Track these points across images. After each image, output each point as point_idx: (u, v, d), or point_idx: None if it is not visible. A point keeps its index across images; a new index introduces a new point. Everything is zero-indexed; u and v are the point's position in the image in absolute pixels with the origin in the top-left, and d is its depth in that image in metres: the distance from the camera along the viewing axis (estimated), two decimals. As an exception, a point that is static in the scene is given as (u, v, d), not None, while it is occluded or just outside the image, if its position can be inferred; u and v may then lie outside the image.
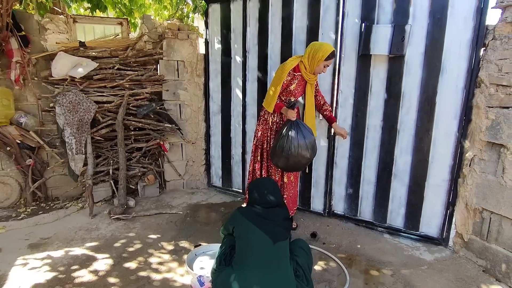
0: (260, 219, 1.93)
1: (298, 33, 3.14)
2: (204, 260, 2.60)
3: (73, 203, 3.64)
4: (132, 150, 3.80)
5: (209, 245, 2.75)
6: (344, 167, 3.18)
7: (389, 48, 2.66)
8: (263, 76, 3.45)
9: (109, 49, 3.67)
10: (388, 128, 2.88)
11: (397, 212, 2.97)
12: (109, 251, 2.74)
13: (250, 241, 1.88)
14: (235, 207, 3.63)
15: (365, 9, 2.80)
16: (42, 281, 2.33)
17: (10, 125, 3.48)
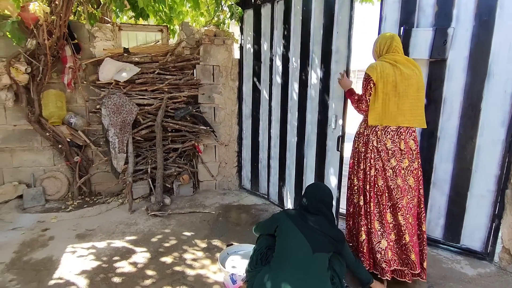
0: (305, 224, 1.91)
1: (315, 33, 3.07)
2: (236, 259, 2.66)
3: (114, 198, 3.89)
4: (169, 150, 3.99)
5: (240, 245, 2.82)
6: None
7: (429, 52, 2.58)
8: (285, 80, 3.46)
9: (150, 54, 3.90)
10: (427, 135, 2.78)
11: (436, 222, 2.85)
12: (146, 245, 2.90)
13: (290, 245, 1.88)
14: (266, 210, 3.68)
15: (404, 12, 2.73)
16: (88, 269, 2.52)
17: (62, 124, 3.80)
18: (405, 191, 2.20)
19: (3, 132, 3.79)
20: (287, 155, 3.52)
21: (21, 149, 3.86)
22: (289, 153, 3.50)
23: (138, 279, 2.42)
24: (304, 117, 3.22)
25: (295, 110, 3.32)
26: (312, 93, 3.10)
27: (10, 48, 3.60)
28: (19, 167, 3.88)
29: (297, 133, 3.33)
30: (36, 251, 2.76)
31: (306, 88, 3.15)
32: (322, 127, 3.02)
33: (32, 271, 2.49)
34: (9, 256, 2.67)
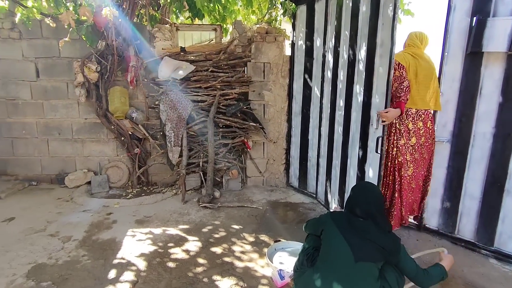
0: (350, 229, 1.76)
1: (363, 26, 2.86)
2: (283, 256, 2.67)
3: (168, 189, 4.14)
4: (220, 145, 4.12)
5: (288, 242, 2.82)
6: (441, 178, 2.86)
7: (508, 44, 2.30)
8: (336, 76, 3.33)
9: (204, 53, 4.06)
10: (502, 136, 2.49)
11: (509, 235, 2.55)
12: (198, 234, 3.04)
13: (332, 252, 1.77)
14: (313, 209, 3.63)
15: (478, 0, 2.47)
16: (146, 252, 2.72)
17: (125, 119, 4.14)
18: (419, 161, 2.79)
19: (76, 124, 4.25)
20: (334, 154, 3.42)
21: (90, 140, 4.30)
22: (335, 152, 3.39)
23: (191, 265, 2.55)
24: (349, 115, 3.07)
25: (342, 107, 3.20)
26: (357, 89, 2.95)
27: (84, 49, 4.02)
28: (88, 156, 4.33)
29: (343, 132, 3.21)
30: (102, 232, 3.06)
31: (352, 84, 3.01)
32: (365, 127, 2.84)
33: (99, 249, 2.76)
34: (81, 234, 3.00)
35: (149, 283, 2.33)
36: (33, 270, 2.45)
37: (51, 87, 4.16)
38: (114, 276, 2.40)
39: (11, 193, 3.91)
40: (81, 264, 2.55)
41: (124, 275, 2.41)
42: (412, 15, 4.58)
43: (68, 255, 2.66)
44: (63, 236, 2.97)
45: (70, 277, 2.39)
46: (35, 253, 2.68)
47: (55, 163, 4.31)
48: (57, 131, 4.25)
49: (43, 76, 4.14)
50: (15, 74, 4.10)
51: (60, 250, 2.73)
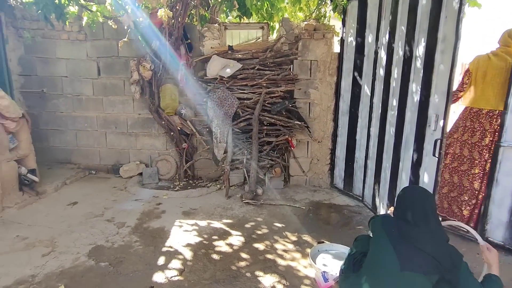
0: (399, 236, 1.61)
1: (422, 20, 2.65)
2: (327, 258, 2.61)
3: (213, 184, 4.26)
4: (263, 143, 4.15)
5: (332, 244, 2.74)
6: (509, 187, 2.58)
7: None
8: (388, 73, 3.14)
9: (251, 51, 4.11)
10: None
11: None
12: (241, 229, 3.09)
13: (377, 258, 1.65)
14: (359, 212, 3.49)
15: None
16: (192, 243, 2.84)
17: (174, 115, 4.35)
18: (472, 159, 2.91)
19: (131, 119, 4.56)
20: (384, 156, 3.25)
21: (143, 134, 4.59)
22: (386, 154, 3.22)
23: (234, 259, 2.61)
24: (403, 115, 2.89)
25: (395, 107, 3.02)
26: (413, 88, 2.75)
27: (139, 49, 4.29)
28: (140, 149, 4.62)
29: (395, 133, 3.03)
30: (152, 221, 3.25)
31: (408, 83, 2.82)
32: (421, 128, 2.65)
33: (150, 236, 2.94)
34: (134, 221, 3.21)
35: (195, 272, 2.43)
36: (93, 251, 2.68)
37: (109, 84, 4.51)
38: (163, 263, 2.54)
39: (74, 180, 4.32)
40: (133, 249, 2.73)
41: (172, 262, 2.54)
42: (479, 7, 4.14)
43: (122, 239, 2.87)
44: (118, 222, 3.21)
45: (124, 260, 2.57)
46: (95, 235, 2.93)
47: (112, 154, 4.68)
48: (114, 125, 4.60)
49: (103, 74, 4.50)
50: (80, 72, 4.51)
51: (115, 235, 2.95)
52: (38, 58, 4.50)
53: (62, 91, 4.56)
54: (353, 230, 3.13)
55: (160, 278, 2.34)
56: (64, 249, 2.69)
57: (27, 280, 2.29)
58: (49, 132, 4.67)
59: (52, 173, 4.31)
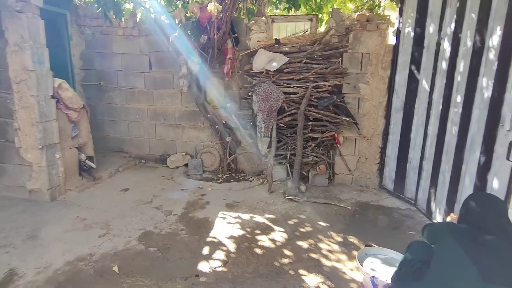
0: (474, 246, 1.48)
1: (499, 6, 2.32)
2: (375, 263, 2.46)
3: (255, 178, 4.26)
4: (308, 139, 4.04)
5: (381, 248, 2.59)
6: None
7: None
8: (452, 67, 2.83)
9: (298, 44, 4.00)
10: None
11: None
12: (283, 226, 3.04)
13: (450, 268, 1.50)
14: (411, 217, 3.26)
15: None
16: (235, 235, 2.85)
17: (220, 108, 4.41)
18: None
19: (178, 112, 4.72)
20: (444, 157, 2.97)
21: (189, 127, 4.73)
22: (446, 155, 2.94)
23: (277, 255, 2.57)
24: (469, 113, 2.60)
25: (459, 104, 2.73)
26: (483, 83, 2.45)
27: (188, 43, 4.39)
28: (186, 141, 4.77)
29: (458, 133, 2.74)
30: (197, 211, 3.33)
31: (477, 76, 2.52)
32: (491, 127, 2.36)
33: (195, 226, 3.02)
34: (180, 210, 3.32)
35: (238, 265, 2.43)
36: (143, 236, 2.82)
37: (159, 78, 4.70)
38: (207, 253, 2.59)
39: (126, 168, 4.59)
40: (179, 237, 2.82)
41: (216, 253, 2.58)
42: None
43: (170, 227, 2.98)
44: (165, 210, 3.34)
45: (171, 246, 2.67)
46: (144, 221, 3.08)
47: (160, 145, 4.89)
48: (163, 117, 4.79)
49: (154, 68, 4.70)
50: (133, 67, 4.76)
51: (163, 222, 3.08)
52: (96, 53, 4.83)
53: (117, 84, 4.86)
54: (404, 235, 2.92)
55: (204, 268, 2.39)
56: (117, 232, 2.86)
57: (85, 258, 2.47)
58: (105, 122, 5.01)
59: (107, 160, 4.62)
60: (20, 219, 3.05)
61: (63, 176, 3.57)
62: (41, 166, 3.35)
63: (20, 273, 2.28)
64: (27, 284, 2.17)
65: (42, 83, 3.27)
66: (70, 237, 2.76)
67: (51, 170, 3.42)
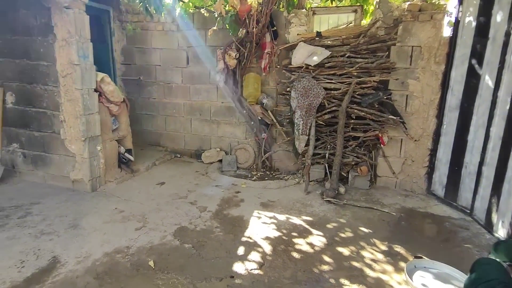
0: None
1: None
2: (427, 277, 2.23)
3: (291, 177, 4.11)
4: (349, 138, 3.80)
5: (433, 262, 2.35)
6: None
7: None
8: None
9: (341, 37, 3.76)
10: None
11: None
12: (322, 229, 2.87)
13: None
14: (466, 228, 2.94)
15: None
16: (271, 236, 2.73)
17: (256, 104, 4.30)
18: None
19: (214, 107, 4.68)
20: (510, 163, 2.62)
21: (224, 122, 4.67)
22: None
23: (315, 261, 2.41)
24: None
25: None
26: None
27: (225, 38, 4.33)
28: (221, 136, 4.73)
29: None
30: (232, 208, 3.26)
31: None
32: None
33: (229, 224, 2.94)
34: (214, 207, 3.27)
35: (275, 269, 2.31)
36: (178, 231, 2.80)
37: (196, 72, 4.68)
38: (243, 253, 2.49)
39: (162, 162, 4.65)
40: (214, 234, 2.76)
41: (251, 254, 2.47)
42: None
43: (204, 224, 2.93)
44: (200, 205, 3.30)
45: (205, 244, 2.61)
46: (180, 216, 3.06)
47: (195, 140, 4.90)
48: (199, 112, 4.78)
49: (191, 63, 4.69)
50: (171, 62, 4.79)
51: (198, 218, 3.04)
52: (137, 48, 4.93)
53: (155, 78, 4.93)
54: (458, 248, 2.63)
55: (240, 269, 2.30)
56: (153, 226, 2.87)
57: (123, 251, 2.48)
58: (143, 116, 5.11)
59: (144, 154, 4.71)
60: (63, 207, 3.16)
61: (104, 167, 3.67)
62: (84, 157, 3.46)
63: (62, 261, 2.34)
64: (68, 272, 2.22)
65: (86, 77, 3.36)
66: (108, 228, 2.81)
67: (93, 161, 3.52)
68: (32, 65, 3.45)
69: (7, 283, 2.10)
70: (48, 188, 3.60)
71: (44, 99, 3.49)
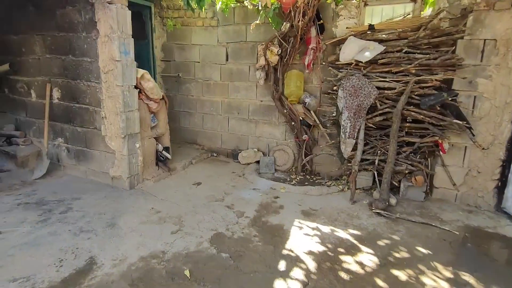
0: None
1: None
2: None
3: (333, 183, 3.80)
4: (402, 143, 3.41)
5: (514, 298, 1.95)
6: None
7: None
8: None
9: (396, 30, 3.37)
10: None
11: None
12: (372, 247, 2.56)
13: None
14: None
15: None
16: (315, 251, 2.48)
17: (298, 103, 4.03)
18: None
19: (253, 105, 4.49)
20: None
21: (263, 122, 4.46)
22: None
23: (367, 285, 2.13)
24: None
25: None
26: None
27: (267, 33, 4.10)
28: (259, 136, 4.53)
29: None
30: (270, 215, 3.05)
31: None
32: None
33: (268, 233, 2.73)
34: (252, 213, 3.08)
35: (321, 290, 2.07)
36: (214, 237, 2.64)
37: (236, 69, 4.51)
38: (284, 269, 2.27)
39: (199, 160, 4.56)
40: (252, 244, 2.57)
41: (294, 271, 2.25)
42: None
43: (242, 231, 2.75)
44: (237, 210, 3.13)
45: (243, 254, 2.42)
46: (216, 221, 2.91)
47: (232, 139, 4.75)
48: (237, 110, 4.62)
49: (231, 60, 4.53)
50: (210, 58, 4.67)
51: (235, 224, 2.86)
52: (176, 44, 4.87)
53: (194, 75, 4.84)
54: (543, 281, 2.19)
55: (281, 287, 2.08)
56: (189, 230, 2.74)
57: (158, 256, 2.37)
58: (181, 113, 5.06)
59: (181, 151, 4.65)
60: (102, 204, 3.15)
61: (142, 165, 3.63)
62: (123, 154, 3.43)
63: (99, 262, 2.28)
64: (103, 276, 2.14)
65: (127, 74, 3.31)
66: (145, 230, 2.73)
67: (131, 159, 3.49)
68: (76, 61, 3.48)
69: (45, 283, 2.07)
70: (89, 184, 3.64)
71: (87, 95, 3.51)
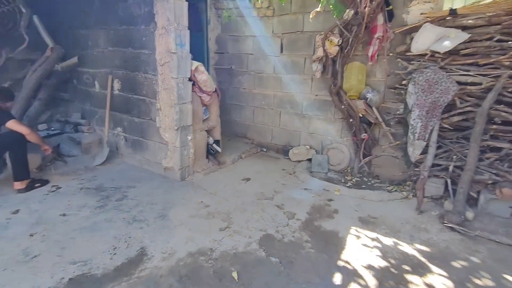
0: None
1: None
2: None
3: (395, 188, 3.41)
4: (485, 149, 2.90)
5: None
6: None
7: None
8: None
9: (486, 15, 2.84)
10: None
11: None
12: (446, 268, 2.20)
13: None
14: None
15: None
16: (376, 266, 2.20)
17: (358, 99, 3.68)
18: None
19: (307, 100, 4.23)
20: None
21: (316, 118, 4.19)
22: None
23: (441, 315, 1.81)
24: None
25: None
26: None
27: (327, 22, 3.79)
28: (312, 133, 4.27)
29: None
30: (324, 220, 2.81)
31: None
32: None
33: (322, 240, 2.51)
34: (304, 215, 2.87)
35: (384, 314, 1.81)
36: (264, 239, 2.50)
37: (290, 62, 4.29)
38: (340, 283, 2.05)
39: (248, 155, 4.46)
40: (304, 250, 2.38)
41: (351, 287, 2.01)
42: None
43: (293, 234, 2.57)
44: (287, 211, 2.95)
45: (295, 261, 2.25)
46: (265, 220, 2.77)
47: (283, 134, 4.56)
48: (289, 105, 4.41)
49: (286, 51, 4.31)
50: (264, 50, 4.49)
51: (285, 226, 2.69)
52: (230, 36, 4.79)
53: (246, 68, 4.73)
54: None
55: (337, 305, 1.86)
56: (238, 228, 2.63)
57: (206, 253, 2.31)
58: (232, 106, 5.00)
59: (231, 145, 4.60)
60: (155, 194, 3.21)
61: (193, 157, 3.64)
62: (176, 146, 3.45)
63: (149, 254, 2.28)
64: (153, 269, 2.13)
65: (182, 66, 3.30)
66: (194, 224, 2.69)
67: (183, 151, 3.50)
68: (135, 53, 3.57)
69: (100, 269, 2.12)
70: (143, 172, 3.75)
71: (144, 87, 3.59)
